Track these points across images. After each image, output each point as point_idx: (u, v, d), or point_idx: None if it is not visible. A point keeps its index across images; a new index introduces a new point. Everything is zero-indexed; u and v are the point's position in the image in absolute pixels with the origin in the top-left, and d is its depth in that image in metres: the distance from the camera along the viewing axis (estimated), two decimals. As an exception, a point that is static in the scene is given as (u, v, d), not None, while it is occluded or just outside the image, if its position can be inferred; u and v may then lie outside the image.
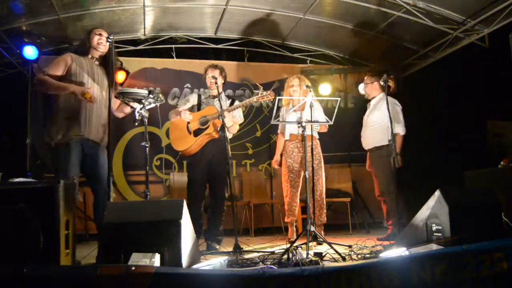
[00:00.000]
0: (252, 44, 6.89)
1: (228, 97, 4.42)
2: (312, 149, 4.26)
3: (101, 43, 3.56)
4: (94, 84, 3.48)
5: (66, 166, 3.29)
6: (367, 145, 4.82)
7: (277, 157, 4.77)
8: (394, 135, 4.02)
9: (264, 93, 4.03)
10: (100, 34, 3.58)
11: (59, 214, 2.39)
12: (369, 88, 4.82)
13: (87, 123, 3.40)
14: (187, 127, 4.17)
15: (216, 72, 4.22)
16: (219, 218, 4.19)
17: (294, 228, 4.66)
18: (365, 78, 4.93)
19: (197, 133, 4.14)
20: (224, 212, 4.23)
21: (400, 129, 4.54)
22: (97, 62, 3.62)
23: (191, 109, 4.28)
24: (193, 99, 4.33)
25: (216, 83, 4.06)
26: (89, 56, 3.59)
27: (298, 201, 4.64)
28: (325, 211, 4.54)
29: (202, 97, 4.33)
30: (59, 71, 3.40)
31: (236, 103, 4.31)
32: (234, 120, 4.25)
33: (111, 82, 3.27)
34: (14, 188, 2.44)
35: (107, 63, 3.47)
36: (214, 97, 4.27)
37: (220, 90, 4.09)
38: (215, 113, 4.07)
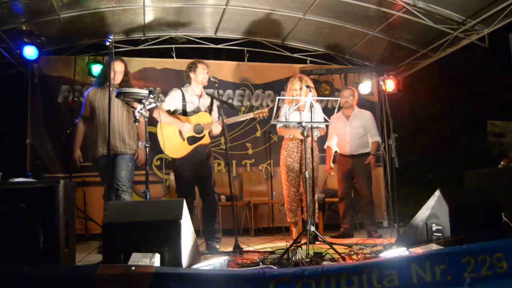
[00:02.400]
0: (252, 44, 6.89)
1: (207, 94, 4.37)
2: (312, 150, 4.28)
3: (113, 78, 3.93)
4: (105, 110, 3.88)
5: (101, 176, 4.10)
6: (351, 151, 5.16)
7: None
8: (395, 138, 4.13)
9: (260, 110, 4.25)
10: (114, 71, 3.95)
11: (59, 214, 2.39)
12: (351, 99, 5.23)
13: (105, 140, 3.86)
14: (180, 133, 4.07)
15: (207, 70, 4.19)
16: (214, 215, 4.14)
17: (298, 229, 4.65)
18: (344, 91, 5.36)
19: (191, 140, 4.08)
20: (218, 208, 4.21)
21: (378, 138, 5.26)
22: (112, 88, 3.90)
23: (174, 111, 4.16)
24: (178, 98, 4.17)
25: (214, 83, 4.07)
26: (105, 85, 3.96)
27: (299, 201, 4.65)
28: (317, 211, 4.67)
29: (186, 95, 4.18)
30: (87, 112, 4.14)
31: (215, 108, 4.29)
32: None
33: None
34: (14, 188, 2.45)
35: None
36: (199, 96, 4.21)
37: (218, 92, 4.12)
38: (209, 123, 4.08)
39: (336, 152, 5.37)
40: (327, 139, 5.35)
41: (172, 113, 4.15)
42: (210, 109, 4.25)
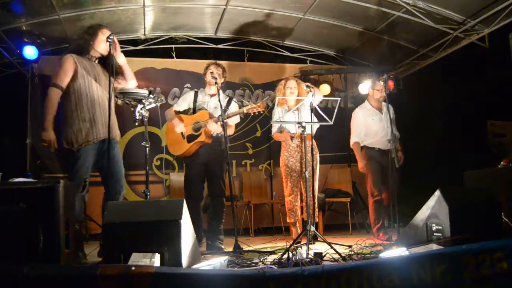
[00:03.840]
0: (252, 44, 6.89)
1: (226, 95, 4.41)
2: (312, 148, 4.29)
3: (104, 45, 3.50)
4: (95, 84, 3.47)
5: (80, 169, 3.36)
6: (388, 146, 4.72)
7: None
8: (394, 136, 4.12)
9: (255, 104, 4.02)
10: (107, 38, 3.43)
11: (59, 214, 2.39)
12: (382, 92, 4.85)
13: (94, 123, 3.41)
14: (181, 132, 4.19)
15: (219, 70, 4.21)
16: (220, 216, 4.17)
17: (298, 229, 4.66)
18: (380, 85, 4.93)
19: (190, 138, 4.14)
20: (224, 210, 4.22)
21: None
22: (95, 61, 3.60)
23: (186, 111, 4.27)
24: (190, 98, 4.28)
25: (216, 82, 4.06)
26: (89, 55, 3.54)
27: (299, 201, 4.65)
28: (317, 210, 4.64)
29: (199, 95, 4.28)
30: (66, 81, 3.37)
31: (232, 108, 4.28)
32: (229, 122, 4.23)
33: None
34: (14, 188, 2.44)
35: (105, 61, 3.52)
36: (211, 96, 4.26)
37: (218, 90, 4.09)
38: (206, 120, 4.08)
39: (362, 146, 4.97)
40: (352, 134, 4.98)
41: (182, 113, 4.28)
42: (226, 110, 4.22)
